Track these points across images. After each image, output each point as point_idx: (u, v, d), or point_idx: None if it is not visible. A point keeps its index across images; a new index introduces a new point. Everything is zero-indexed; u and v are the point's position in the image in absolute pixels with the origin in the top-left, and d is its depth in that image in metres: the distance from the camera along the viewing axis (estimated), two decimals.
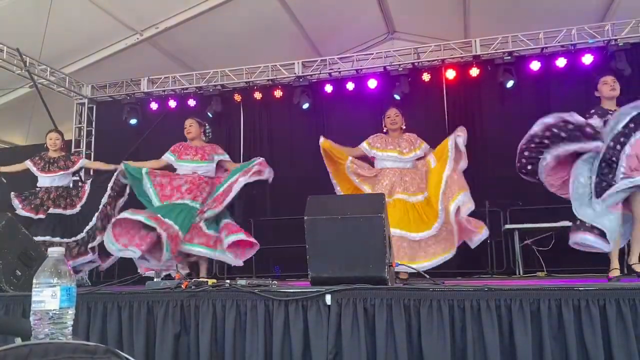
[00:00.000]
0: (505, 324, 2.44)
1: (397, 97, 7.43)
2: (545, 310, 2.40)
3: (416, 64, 7.82)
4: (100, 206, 5.23)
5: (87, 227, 5.23)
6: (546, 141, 3.93)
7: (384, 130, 5.03)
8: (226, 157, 5.27)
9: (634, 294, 2.37)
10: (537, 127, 4.00)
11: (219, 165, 5.19)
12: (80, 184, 6.80)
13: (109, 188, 5.27)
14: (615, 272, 3.85)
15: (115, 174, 5.27)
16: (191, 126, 5.21)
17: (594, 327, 2.34)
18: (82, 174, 7.34)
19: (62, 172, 5.49)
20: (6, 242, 3.56)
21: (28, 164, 5.49)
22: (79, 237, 5.22)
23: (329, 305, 2.61)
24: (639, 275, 3.71)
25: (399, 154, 4.81)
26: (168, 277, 3.85)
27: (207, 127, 5.42)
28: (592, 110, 4.15)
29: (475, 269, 6.95)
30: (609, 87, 4.17)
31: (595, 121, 4.02)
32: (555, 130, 3.90)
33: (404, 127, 5.02)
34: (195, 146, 5.15)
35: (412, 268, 3.91)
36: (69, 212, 5.32)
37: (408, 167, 4.83)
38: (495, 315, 2.45)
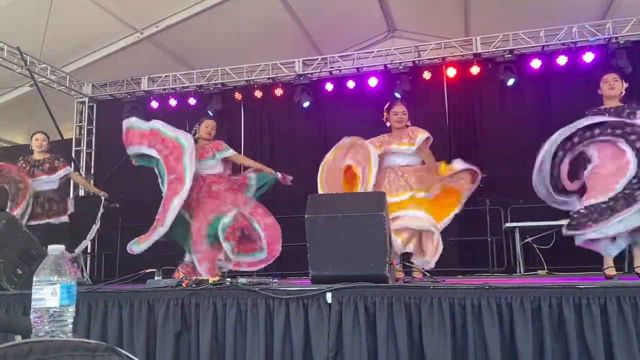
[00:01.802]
0: (506, 322, 2.44)
1: (397, 95, 7.42)
2: (546, 309, 2.40)
3: (417, 62, 7.81)
4: (89, 237, 5.53)
5: (80, 248, 5.39)
6: None
7: (387, 125, 4.84)
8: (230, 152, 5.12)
9: (635, 292, 2.37)
10: None
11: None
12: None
13: (98, 220, 5.57)
14: (612, 270, 3.85)
15: (102, 203, 5.59)
16: (213, 129, 5.12)
17: (595, 325, 2.34)
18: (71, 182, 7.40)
19: (46, 176, 5.38)
20: (7, 241, 3.56)
21: None
22: (75, 254, 5.35)
23: (329, 304, 2.61)
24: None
25: (401, 146, 4.64)
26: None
27: None
28: (586, 112, 4.16)
29: (475, 267, 6.96)
30: (608, 85, 4.17)
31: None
32: None
33: (409, 125, 4.82)
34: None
35: (418, 268, 3.91)
36: (54, 220, 5.28)
37: (412, 164, 4.66)
38: (496, 313, 2.44)
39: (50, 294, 1.08)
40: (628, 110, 3.95)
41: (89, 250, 8.51)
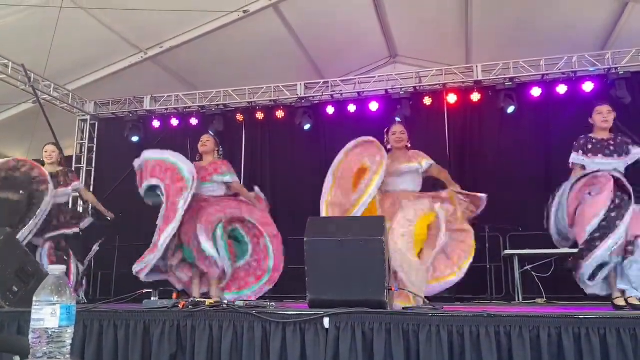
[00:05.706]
0: (504, 351, 2.42)
1: (398, 120, 7.43)
2: (545, 338, 2.38)
3: (418, 87, 7.88)
4: (89, 257, 5.65)
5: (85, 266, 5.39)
6: None
7: (388, 147, 4.67)
8: (228, 178, 5.00)
9: (635, 324, 2.35)
10: None
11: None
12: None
13: (97, 245, 5.70)
14: (621, 301, 3.83)
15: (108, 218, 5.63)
16: (208, 141, 5.13)
17: (594, 356, 2.32)
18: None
19: (63, 189, 5.30)
20: (4, 258, 3.54)
21: None
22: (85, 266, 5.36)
23: (327, 329, 2.59)
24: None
25: (411, 165, 4.50)
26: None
27: (220, 147, 5.33)
28: (575, 143, 4.24)
29: (474, 294, 6.90)
30: (601, 117, 4.23)
31: (575, 156, 4.20)
32: None
33: (409, 146, 4.71)
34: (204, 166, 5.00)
35: (414, 293, 3.87)
36: (69, 231, 5.20)
37: (409, 189, 4.49)
38: (494, 341, 2.42)
39: (49, 315, 1.07)
40: (612, 142, 4.12)
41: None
